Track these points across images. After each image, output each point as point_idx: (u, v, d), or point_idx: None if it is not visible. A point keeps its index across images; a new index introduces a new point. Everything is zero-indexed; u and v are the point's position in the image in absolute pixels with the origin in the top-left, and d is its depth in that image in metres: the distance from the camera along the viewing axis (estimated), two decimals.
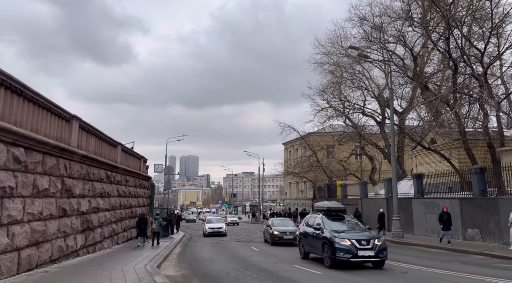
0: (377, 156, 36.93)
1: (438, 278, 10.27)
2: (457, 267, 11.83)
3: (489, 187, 19.06)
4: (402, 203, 23.35)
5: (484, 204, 18.05)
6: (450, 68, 21.15)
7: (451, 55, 19.88)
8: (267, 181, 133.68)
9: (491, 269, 11.51)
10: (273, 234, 20.67)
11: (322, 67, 32.81)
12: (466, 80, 21.02)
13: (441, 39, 20.32)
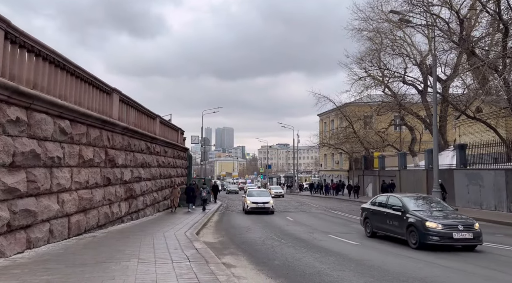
0: (417, 127, 35.59)
1: (479, 250, 10.00)
2: (501, 240, 11.53)
3: None
4: (443, 174, 22.60)
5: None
6: (500, 31, 19.55)
7: (501, 17, 18.31)
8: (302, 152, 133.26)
9: None
10: None
11: (361, 33, 31.41)
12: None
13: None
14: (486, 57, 19.83)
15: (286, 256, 9.37)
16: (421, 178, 27.28)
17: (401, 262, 8.66)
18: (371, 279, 7.10)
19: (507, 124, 23.16)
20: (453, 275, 7.31)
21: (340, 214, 21.54)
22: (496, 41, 21.02)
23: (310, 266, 8.20)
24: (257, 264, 8.57)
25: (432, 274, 7.31)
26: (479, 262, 8.47)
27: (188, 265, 7.26)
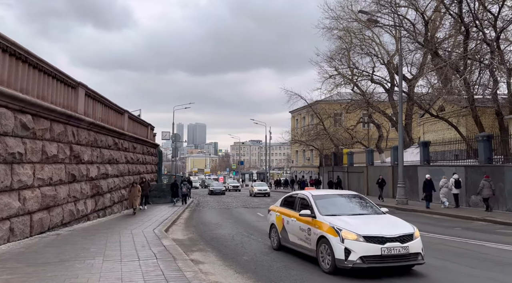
0: (384, 124, 36.71)
1: (439, 243, 10.49)
2: (459, 233, 12.05)
3: (495, 154, 19.00)
4: (408, 170, 23.46)
5: (489, 171, 18.03)
6: (461, 33, 20.51)
7: (463, 19, 19.20)
8: (274, 149, 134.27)
9: (492, 234, 11.70)
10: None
11: (331, 32, 32.00)
12: (477, 45, 20.40)
13: (454, 2, 19.55)
14: (449, 58, 20.71)
15: (254, 251, 9.48)
16: (387, 174, 28.18)
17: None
18: None
19: (467, 123, 24.33)
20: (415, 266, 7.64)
21: None
22: (458, 42, 22.01)
23: (278, 261, 8.34)
24: (225, 260, 8.63)
25: None
26: (436, 254, 8.84)
27: (155, 263, 7.21)
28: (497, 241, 10.37)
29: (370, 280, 6.60)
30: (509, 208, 16.68)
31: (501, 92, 22.64)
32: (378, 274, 6.77)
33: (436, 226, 13.91)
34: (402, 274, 6.97)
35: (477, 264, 7.81)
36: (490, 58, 18.80)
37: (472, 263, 7.92)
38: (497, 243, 9.98)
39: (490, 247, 9.64)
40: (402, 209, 20.44)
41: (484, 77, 22.05)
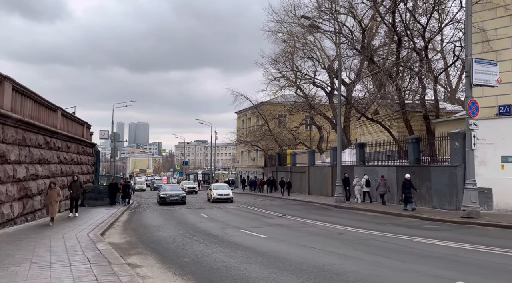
0: (325, 126, 38.20)
1: (371, 238, 11.16)
2: (390, 229, 12.90)
3: (423, 155, 20.62)
4: (346, 170, 24.62)
5: (417, 171, 19.53)
6: (394, 41, 21.98)
7: (396, 29, 20.62)
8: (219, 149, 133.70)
9: (419, 230, 12.67)
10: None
11: (276, 35, 32.65)
12: (408, 54, 22.02)
13: (388, 12, 20.91)
14: (383, 65, 22.10)
15: (196, 253, 9.37)
16: (327, 174, 29.42)
17: (304, 252, 9.26)
18: (275, 270, 7.47)
19: (399, 126, 26.12)
20: (347, 261, 8.06)
21: (255, 210, 22.18)
22: (392, 50, 23.54)
23: (218, 261, 8.33)
24: (165, 262, 8.43)
25: (330, 262, 7.96)
26: (369, 250, 9.43)
27: (88, 268, 6.85)
28: (423, 235, 11.25)
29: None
30: (434, 205, 18.18)
31: (428, 98, 24.64)
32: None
33: (370, 222, 14.77)
34: (331, 265, 7.31)
35: (406, 257, 8.42)
36: (419, 66, 20.40)
37: (401, 257, 8.51)
38: (424, 238, 10.83)
39: (417, 241, 10.43)
40: (339, 207, 21.44)
41: (414, 84, 23.89)
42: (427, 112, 21.51)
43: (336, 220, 15.65)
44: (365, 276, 6.80)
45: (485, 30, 15.77)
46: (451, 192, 17.42)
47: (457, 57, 21.09)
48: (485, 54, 15.43)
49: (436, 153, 19.69)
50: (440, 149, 19.37)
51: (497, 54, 15.51)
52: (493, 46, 15.63)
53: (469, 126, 14.39)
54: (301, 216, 17.44)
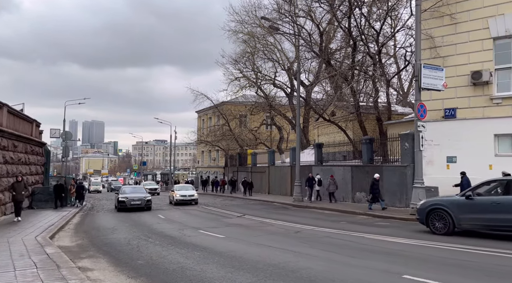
0: (285, 127, 38.79)
1: (326, 236, 11.50)
2: (344, 226, 13.36)
3: (376, 155, 21.54)
4: (304, 170, 25.16)
5: (371, 170, 20.34)
6: (350, 46, 22.78)
7: (351, 33, 21.39)
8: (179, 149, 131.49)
9: (371, 227, 13.21)
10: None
11: (237, 35, 32.71)
12: (363, 58, 22.92)
13: (344, 17, 21.64)
14: (339, 68, 22.83)
15: (151, 255, 9.19)
16: (286, 173, 29.90)
17: (261, 251, 9.36)
18: (231, 269, 7.50)
19: (354, 127, 27.09)
20: (302, 259, 8.25)
21: (214, 210, 22.08)
22: (348, 54, 24.36)
23: (174, 263, 8.23)
24: (118, 265, 8.19)
25: (286, 260, 8.12)
26: (324, 247, 9.73)
27: (34, 272, 6.52)
28: (374, 232, 11.76)
29: None
30: (386, 203, 19.01)
31: (381, 101, 25.78)
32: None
33: (326, 220, 15.21)
34: (286, 263, 7.48)
35: (357, 253, 8.76)
36: (373, 69, 21.28)
37: (353, 253, 8.85)
38: (375, 235, 11.33)
39: (368, 238, 10.88)
40: (297, 206, 21.88)
41: (368, 86, 24.88)
42: (380, 114, 22.48)
43: (294, 219, 15.95)
44: (317, 272, 7.01)
45: (433, 37, 16.74)
46: (401, 190, 18.32)
47: (408, 62, 22.21)
48: (433, 60, 16.38)
49: (388, 153, 20.64)
50: (391, 150, 20.33)
51: (444, 60, 16.50)
52: (440, 52, 16.62)
53: (417, 128, 15.22)
54: (260, 216, 17.60)
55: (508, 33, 15.20)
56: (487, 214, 10.11)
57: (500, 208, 9.85)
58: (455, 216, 10.66)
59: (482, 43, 15.82)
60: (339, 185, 22.16)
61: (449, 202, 10.99)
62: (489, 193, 10.68)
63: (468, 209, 10.50)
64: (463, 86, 16.22)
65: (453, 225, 10.73)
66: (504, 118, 15.25)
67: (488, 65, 15.64)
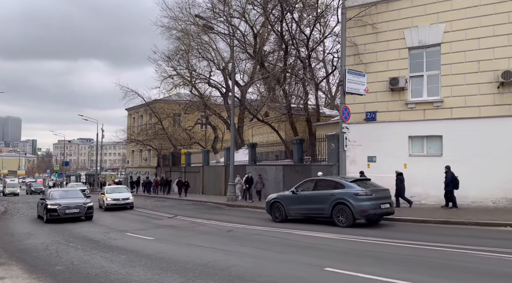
0: (220, 126, 38.78)
1: (257, 234, 11.74)
2: (275, 224, 13.75)
3: (306, 155, 22.51)
4: (239, 169, 25.39)
5: (301, 169, 21.21)
6: (282, 49, 23.53)
7: (283, 37, 22.13)
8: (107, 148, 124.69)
9: (299, 223, 13.76)
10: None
11: (170, 32, 31.93)
12: (294, 61, 23.81)
13: (277, 21, 22.29)
14: (273, 70, 23.48)
15: (72, 260, 8.63)
16: (221, 173, 29.93)
17: (191, 251, 9.28)
18: (159, 271, 7.34)
19: (286, 128, 28.03)
20: (232, 257, 8.35)
21: (144, 212, 21.33)
22: (281, 57, 25.13)
23: (97, 267, 7.83)
24: (33, 272, 7.59)
25: (215, 259, 8.15)
26: (254, 244, 9.95)
27: None
28: (302, 228, 12.25)
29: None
30: None
31: (311, 103, 27.01)
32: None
33: (257, 219, 15.49)
34: (216, 262, 7.53)
35: (285, 249, 9.09)
36: (303, 73, 22.19)
37: (281, 249, 9.17)
38: (302, 230, 11.81)
39: (296, 234, 11.34)
40: (231, 205, 22.00)
41: (299, 89, 25.92)
42: (309, 116, 23.54)
43: (227, 218, 16.03)
44: (246, 269, 7.15)
45: (357, 45, 17.95)
46: None
47: (335, 67, 23.56)
48: (356, 66, 17.56)
49: (316, 153, 21.69)
50: (319, 150, 21.40)
51: (366, 66, 17.77)
52: (362, 59, 17.86)
53: (342, 129, 16.21)
54: (192, 216, 17.40)
55: (421, 44, 16.85)
56: (304, 205, 13.37)
57: (310, 200, 13.17)
58: (286, 207, 13.90)
59: (399, 52, 17.33)
60: (272, 184, 22.74)
61: (283, 197, 14.31)
62: (307, 189, 13.67)
63: (293, 202, 13.73)
64: (383, 91, 17.61)
65: (285, 214, 13.95)
66: (417, 121, 16.87)
67: (404, 72, 17.18)
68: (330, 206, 12.33)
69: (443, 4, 16.34)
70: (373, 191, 12.13)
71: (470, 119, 15.64)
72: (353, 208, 11.81)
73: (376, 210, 11.92)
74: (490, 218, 12.08)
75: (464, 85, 15.83)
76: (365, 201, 11.81)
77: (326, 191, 12.79)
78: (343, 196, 12.11)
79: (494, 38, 15.30)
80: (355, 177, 14.13)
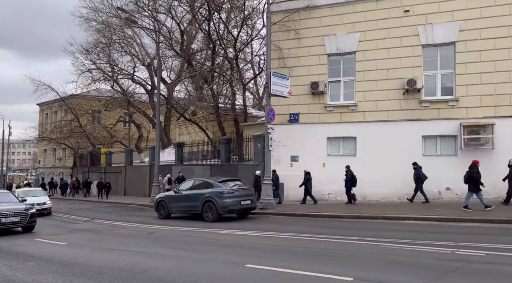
0: (145, 124, 37.38)
1: (180, 234, 11.57)
2: (197, 224, 13.64)
3: (233, 155, 22.73)
4: (164, 170, 24.73)
5: (228, 169, 21.37)
6: (210, 48, 23.48)
7: (211, 36, 22.08)
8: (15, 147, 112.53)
9: (222, 222, 13.77)
10: None
11: (89, 23, 29.94)
12: (222, 61, 23.90)
13: (205, 20, 22.17)
14: (200, 69, 23.29)
15: None
16: (145, 173, 28.86)
17: (108, 255, 8.84)
18: (71, 277, 6.88)
19: (213, 127, 27.98)
20: (152, 259, 8.12)
21: (57, 215, 19.71)
22: (208, 56, 25.05)
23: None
24: None
25: (134, 262, 7.84)
26: (176, 245, 9.80)
27: None
28: (226, 227, 12.35)
29: None
30: None
31: (239, 103, 27.36)
32: None
33: (181, 219, 15.25)
34: (135, 265, 7.30)
35: (207, 248, 9.09)
36: (230, 73, 22.37)
37: (204, 248, 9.13)
38: (226, 229, 11.94)
39: (220, 233, 11.41)
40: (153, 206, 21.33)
41: (227, 89, 26.08)
42: (236, 116, 23.81)
43: (150, 220, 15.54)
44: (166, 271, 7.02)
45: (281, 49, 18.61)
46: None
47: (262, 69, 24.12)
48: (281, 69, 18.21)
49: (243, 153, 22.03)
50: (246, 149, 21.78)
51: (290, 70, 18.51)
52: (287, 63, 18.57)
53: (267, 130, 16.69)
54: (112, 219, 16.55)
55: (339, 51, 18.04)
56: (183, 202, 14.89)
57: (188, 198, 14.70)
58: (169, 205, 15.35)
59: (319, 58, 18.36)
60: None
61: (167, 196, 15.80)
62: (186, 189, 15.13)
63: (175, 200, 15.22)
64: (305, 95, 18.50)
65: (168, 212, 15.36)
66: (335, 124, 18.03)
67: (323, 77, 18.24)
68: (201, 203, 14.09)
69: (358, 15, 17.70)
70: (235, 190, 14.04)
71: (380, 122, 17.17)
72: (217, 204, 13.67)
73: (236, 206, 13.88)
74: (395, 213, 13.35)
75: (375, 91, 17.33)
76: (227, 199, 13.72)
77: (199, 191, 14.46)
78: (211, 194, 13.92)
79: (401, 49, 16.98)
80: (225, 178, 15.61)
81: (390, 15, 17.20)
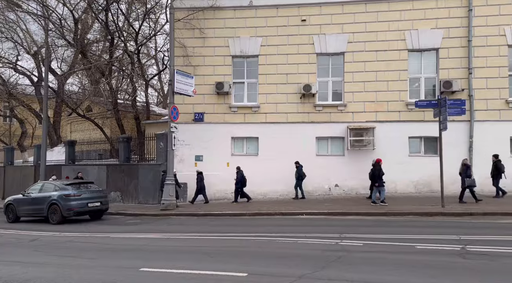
0: (30, 120, 33.23)
1: (68, 241, 10.57)
2: (89, 228, 12.71)
3: (134, 154, 21.58)
4: (53, 170, 22.37)
5: (127, 169, 20.23)
6: (108, 40, 21.92)
7: (109, 27, 20.61)
8: None
9: (120, 226, 13.13)
10: None
11: None
12: (122, 55, 22.50)
13: (103, 10, 20.60)
14: (97, 61, 21.56)
15: None
16: (29, 174, 25.70)
17: None
18: None
19: (111, 125, 26.21)
20: (32, 269, 7.25)
21: None
22: (106, 48, 23.34)
23: None
24: None
25: (10, 273, 6.95)
26: (61, 253, 8.94)
27: None
28: (122, 231, 11.77)
29: None
30: (140, 201, 19.38)
31: (140, 100, 26.09)
32: None
33: (71, 224, 14.02)
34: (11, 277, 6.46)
35: (98, 254, 8.49)
36: (131, 68, 21.20)
37: (94, 254, 8.50)
38: (122, 233, 11.33)
39: (114, 237, 10.78)
40: None
41: (128, 85, 24.67)
42: (138, 113, 22.67)
43: (32, 226, 13.92)
44: (48, 281, 6.35)
45: (186, 47, 18.29)
46: (155, 187, 19.05)
47: (166, 66, 23.39)
48: (186, 67, 17.90)
49: (145, 152, 21.07)
50: (148, 149, 20.88)
51: (194, 68, 18.31)
52: (191, 61, 18.33)
53: (170, 128, 16.25)
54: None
55: (243, 54, 18.44)
56: (30, 206, 15.14)
57: (34, 201, 15.01)
58: (17, 208, 15.53)
59: (224, 59, 18.54)
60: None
61: (15, 199, 15.81)
62: (35, 192, 15.38)
63: (23, 203, 15.39)
64: (210, 94, 18.50)
65: (16, 215, 15.53)
66: (239, 124, 18.40)
67: (228, 78, 18.46)
68: (47, 206, 14.44)
69: (260, 20, 18.34)
70: (83, 192, 14.60)
71: (280, 123, 18.06)
72: (61, 207, 14.12)
73: (83, 208, 14.37)
74: (291, 208, 14.20)
75: (276, 93, 18.15)
76: (73, 201, 14.19)
77: (46, 194, 14.73)
78: (57, 197, 14.31)
79: (298, 56, 18.09)
80: (74, 181, 15.94)
81: (289, 23, 18.18)
